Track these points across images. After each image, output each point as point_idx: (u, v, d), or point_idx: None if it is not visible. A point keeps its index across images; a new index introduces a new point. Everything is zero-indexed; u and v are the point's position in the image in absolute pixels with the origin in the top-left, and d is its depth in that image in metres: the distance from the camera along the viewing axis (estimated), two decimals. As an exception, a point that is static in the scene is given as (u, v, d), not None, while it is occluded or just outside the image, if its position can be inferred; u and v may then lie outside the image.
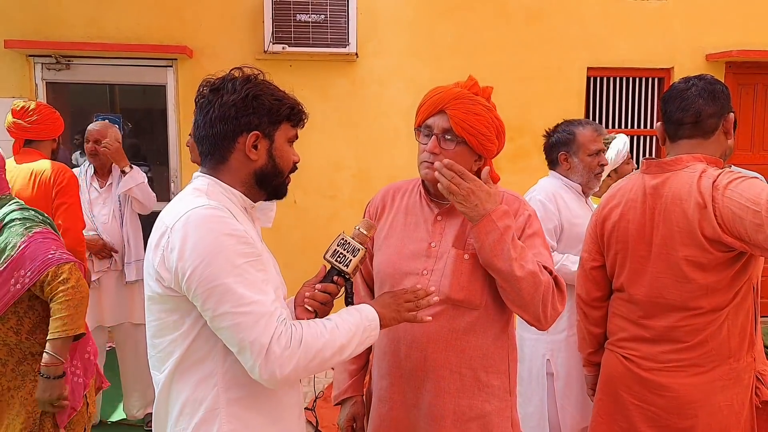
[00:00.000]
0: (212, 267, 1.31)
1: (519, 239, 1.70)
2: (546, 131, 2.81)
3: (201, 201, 1.39)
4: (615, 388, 1.97)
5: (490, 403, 1.73)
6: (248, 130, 1.45)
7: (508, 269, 1.60)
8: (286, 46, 5.16)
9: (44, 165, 3.17)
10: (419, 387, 1.73)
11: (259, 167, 1.49)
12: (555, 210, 2.57)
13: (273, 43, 5.15)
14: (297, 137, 1.57)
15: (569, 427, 2.60)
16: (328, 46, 5.21)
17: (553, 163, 2.77)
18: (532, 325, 1.71)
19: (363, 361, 1.95)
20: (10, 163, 3.19)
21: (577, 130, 2.68)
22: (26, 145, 3.23)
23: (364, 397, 1.93)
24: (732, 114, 1.90)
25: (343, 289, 1.60)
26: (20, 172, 3.13)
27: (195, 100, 1.51)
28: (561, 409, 2.59)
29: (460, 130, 1.69)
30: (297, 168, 1.58)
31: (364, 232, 1.62)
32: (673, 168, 1.87)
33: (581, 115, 5.68)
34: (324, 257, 1.58)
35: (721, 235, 1.71)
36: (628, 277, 1.95)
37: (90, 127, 3.83)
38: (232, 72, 1.49)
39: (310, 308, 1.55)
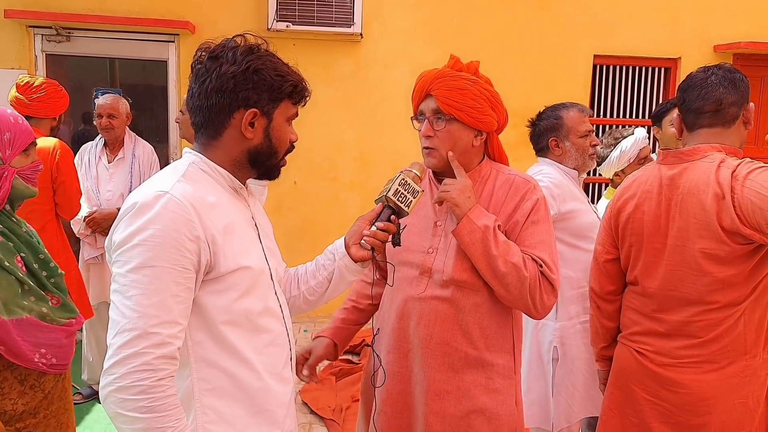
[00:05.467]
0: (135, 251, 1.22)
1: (521, 226, 1.73)
2: (530, 120, 2.75)
3: (168, 184, 1.30)
4: (627, 382, 1.94)
5: (494, 381, 1.75)
6: (246, 106, 1.36)
7: (491, 266, 1.65)
8: (290, 24, 5.09)
9: (46, 142, 3.15)
10: (425, 363, 1.76)
11: (253, 146, 1.40)
12: (556, 199, 2.49)
13: (277, 21, 5.08)
14: (297, 115, 1.47)
15: (562, 416, 2.57)
16: (332, 25, 5.14)
17: (542, 151, 2.69)
18: (528, 315, 1.75)
19: (353, 317, 2.00)
20: None
21: (563, 114, 2.62)
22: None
23: (336, 347, 1.96)
24: (752, 104, 1.86)
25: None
26: None
27: (192, 65, 1.40)
28: (556, 395, 2.56)
29: (447, 108, 1.71)
30: (294, 148, 1.50)
31: (418, 174, 1.65)
32: (691, 158, 1.82)
33: (586, 104, 5.64)
34: (385, 196, 1.58)
35: (740, 226, 1.67)
36: (642, 270, 1.91)
37: (101, 101, 3.81)
38: (234, 39, 1.39)
39: (368, 246, 1.56)
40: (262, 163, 1.45)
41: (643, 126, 5.93)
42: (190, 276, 1.27)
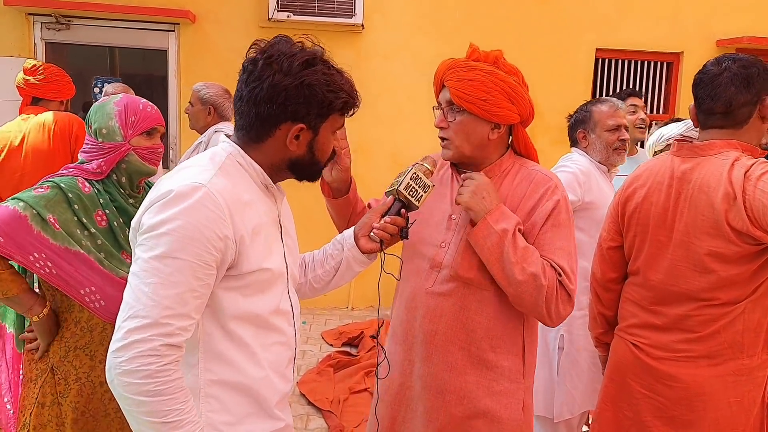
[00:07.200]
0: (162, 239, 1.22)
1: (539, 227, 1.66)
2: (569, 114, 2.86)
3: (207, 176, 1.29)
4: (623, 376, 1.94)
5: (498, 384, 1.71)
6: (294, 119, 1.34)
7: (507, 273, 1.59)
8: (291, 14, 5.07)
9: (56, 116, 3.17)
10: (428, 359, 1.74)
11: (295, 156, 1.39)
12: (581, 186, 2.55)
13: (278, 11, 5.06)
14: (343, 125, 1.46)
15: (565, 407, 2.57)
16: (333, 15, 5.12)
17: (574, 143, 2.81)
18: (541, 322, 1.69)
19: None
20: (16, 122, 3.20)
21: (594, 108, 2.72)
22: (33, 103, 3.25)
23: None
24: None
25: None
26: (30, 126, 3.12)
27: (244, 64, 1.36)
28: (559, 384, 2.57)
29: (457, 100, 1.66)
30: (336, 154, 1.49)
31: (430, 168, 1.64)
32: (705, 153, 1.79)
33: (587, 98, 5.62)
34: (396, 190, 1.58)
35: (750, 228, 1.64)
36: (645, 261, 1.90)
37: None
38: (293, 44, 1.35)
39: (377, 239, 1.58)
40: (302, 171, 1.45)
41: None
42: (211, 273, 1.27)
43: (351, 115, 1.45)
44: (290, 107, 1.32)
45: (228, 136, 1.44)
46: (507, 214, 1.63)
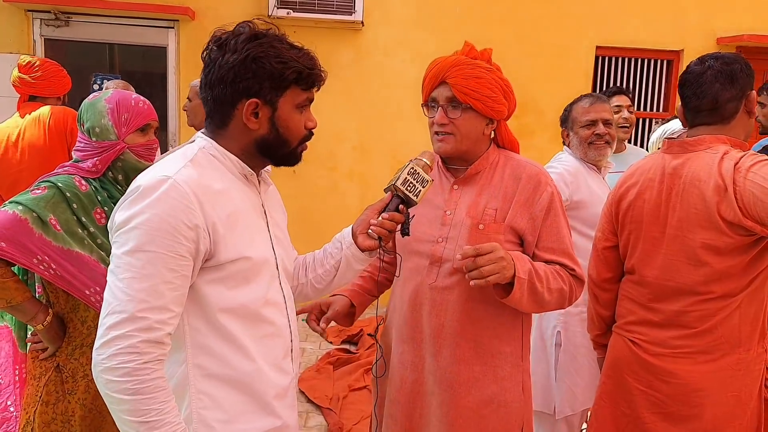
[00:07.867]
0: (131, 234, 1.23)
1: (540, 220, 1.72)
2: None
3: (173, 168, 1.29)
4: (620, 372, 1.94)
5: (502, 369, 1.75)
6: (247, 95, 1.33)
7: (539, 303, 1.68)
8: (291, 11, 5.07)
9: (51, 110, 3.17)
10: (437, 353, 1.75)
11: (260, 136, 1.37)
12: (569, 186, 2.57)
13: (277, 8, 5.06)
14: (311, 100, 1.42)
15: (566, 403, 2.57)
16: (333, 12, 5.12)
17: (564, 143, 2.84)
18: None
19: (368, 286, 1.95)
20: (13, 119, 3.21)
21: (574, 105, 2.73)
22: (30, 100, 3.25)
23: (353, 309, 1.90)
24: (753, 92, 1.83)
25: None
26: (26, 122, 3.13)
27: (201, 55, 1.38)
28: (560, 380, 2.57)
29: (463, 97, 1.69)
30: (312, 134, 1.46)
31: (428, 163, 1.63)
32: (695, 149, 1.81)
33: (587, 95, 5.62)
34: (393, 185, 1.56)
35: (741, 218, 1.66)
36: (639, 258, 1.91)
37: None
38: (243, 26, 1.35)
39: (375, 235, 1.56)
40: (274, 153, 1.42)
41: (646, 118, 5.92)
42: (185, 263, 1.26)
43: (317, 90, 1.43)
44: (241, 83, 1.32)
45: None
46: (519, 255, 1.67)
